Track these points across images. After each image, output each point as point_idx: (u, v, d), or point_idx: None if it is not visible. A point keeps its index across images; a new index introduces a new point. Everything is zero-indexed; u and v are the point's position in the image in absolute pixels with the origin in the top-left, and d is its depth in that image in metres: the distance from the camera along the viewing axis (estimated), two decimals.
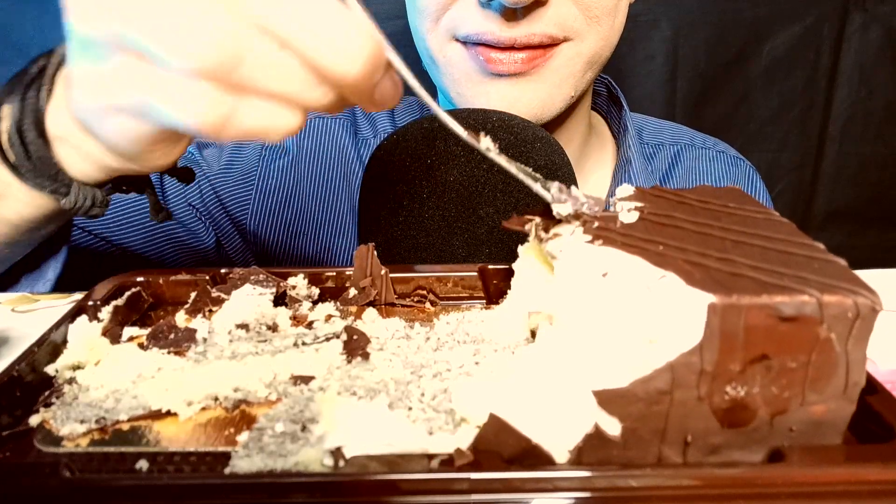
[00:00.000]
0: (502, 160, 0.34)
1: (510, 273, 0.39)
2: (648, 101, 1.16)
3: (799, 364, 0.25)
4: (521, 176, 0.34)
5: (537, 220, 0.34)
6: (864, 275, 0.51)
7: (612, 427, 0.26)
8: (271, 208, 0.74)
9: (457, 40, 0.63)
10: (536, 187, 0.34)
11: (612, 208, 0.34)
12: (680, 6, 1.12)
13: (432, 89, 0.77)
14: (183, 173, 0.47)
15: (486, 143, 0.33)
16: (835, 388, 0.26)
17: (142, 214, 0.68)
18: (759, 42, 1.15)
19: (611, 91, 0.81)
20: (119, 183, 0.45)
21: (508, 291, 0.39)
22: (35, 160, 0.40)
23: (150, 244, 0.68)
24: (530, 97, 0.63)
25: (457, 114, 0.53)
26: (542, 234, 0.33)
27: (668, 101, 1.17)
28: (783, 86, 1.18)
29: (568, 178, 0.53)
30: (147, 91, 0.32)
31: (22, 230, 0.45)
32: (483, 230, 0.51)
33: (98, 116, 0.36)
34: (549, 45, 0.61)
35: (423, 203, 0.51)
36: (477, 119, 0.53)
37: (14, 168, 0.40)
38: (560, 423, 0.26)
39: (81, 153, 0.41)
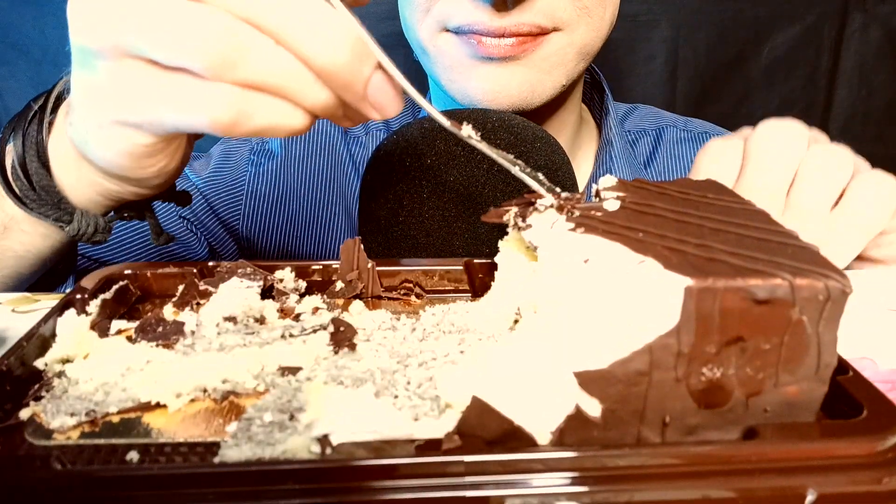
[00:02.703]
0: (484, 147, 0.35)
1: (495, 267, 0.40)
2: (648, 101, 1.15)
3: (772, 346, 0.26)
4: (508, 165, 0.35)
5: (514, 209, 0.35)
6: (865, 274, 0.51)
7: (593, 408, 0.26)
8: (263, 211, 0.75)
9: (447, 31, 0.64)
10: (523, 176, 0.34)
11: (592, 200, 0.35)
12: (680, 6, 1.13)
13: (424, 85, 0.77)
14: (181, 196, 0.49)
15: (467, 131, 0.34)
16: (807, 369, 0.27)
17: (135, 234, 0.69)
18: (759, 42, 1.16)
19: (594, 77, 0.82)
20: (121, 209, 0.47)
21: (493, 283, 0.40)
22: (39, 190, 0.43)
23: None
24: (519, 80, 0.63)
25: (456, 113, 0.53)
26: (520, 224, 0.34)
27: (668, 101, 1.18)
28: (783, 86, 1.18)
29: (568, 178, 0.54)
30: (158, 97, 0.33)
31: (28, 262, 0.48)
32: (483, 230, 0.52)
33: (99, 134, 0.38)
34: (539, 33, 0.62)
35: (423, 203, 0.52)
36: (477, 119, 0.53)
37: (19, 199, 0.43)
38: (542, 405, 0.27)
39: (82, 180, 0.43)
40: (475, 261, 0.43)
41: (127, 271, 0.41)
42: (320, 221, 0.76)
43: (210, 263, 0.42)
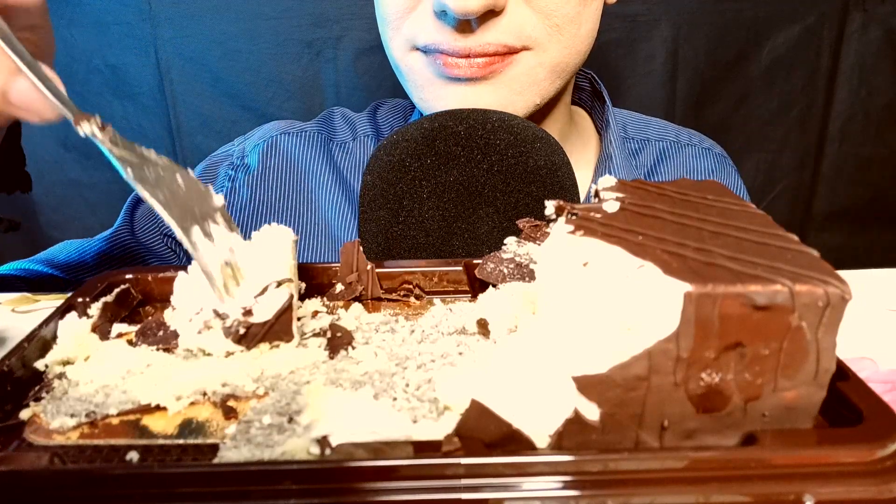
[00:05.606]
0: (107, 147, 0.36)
1: None
2: (648, 101, 1.15)
3: (771, 351, 0.26)
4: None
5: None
6: (865, 274, 0.52)
7: (591, 412, 0.26)
8: (241, 224, 0.75)
9: (417, 49, 0.64)
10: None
11: (591, 201, 0.35)
12: (680, 6, 1.12)
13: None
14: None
15: (89, 128, 0.36)
16: (806, 374, 0.27)
17: (122, 259, 0.70)
18: (759, 42, 1.15)
19: (594, 86, 0.81)
20: None
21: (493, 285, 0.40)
22: None
23: None
24: (488, 101, 0.62)
25: (456, 113, 0.53)
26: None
27: (668, 101, 1.16)
28: (783, 86, 1.17)
29: (568, 178, 0.53)
30: None
31: None
32: (483, 230, 0.52)
33: None
34: (507, 53, 0.61)
35: (423, 203, 0.52)
36: (477, 119, 0.53)
37: None
38: (540, 408, 0.27)
39: None
40: (475, 261, 0.43)
41: (128, 276, 0.41)
42: (300, 232, 0.76)
43: None
